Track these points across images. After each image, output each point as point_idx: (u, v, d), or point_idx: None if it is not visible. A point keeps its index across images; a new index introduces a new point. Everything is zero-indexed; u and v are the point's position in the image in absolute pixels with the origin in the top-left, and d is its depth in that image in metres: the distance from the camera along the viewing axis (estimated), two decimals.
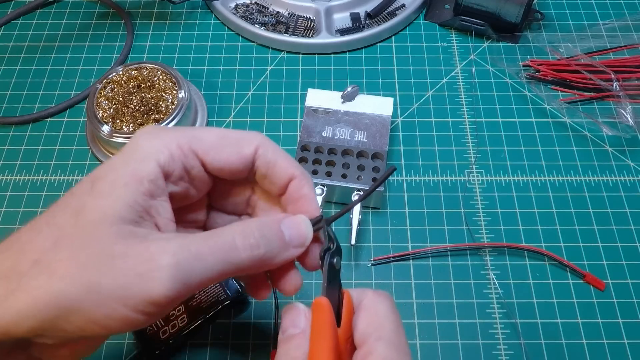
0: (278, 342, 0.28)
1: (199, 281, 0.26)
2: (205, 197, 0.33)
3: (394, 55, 0.60)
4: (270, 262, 0.29)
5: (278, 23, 0.62)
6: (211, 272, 0.26)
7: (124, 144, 0.49)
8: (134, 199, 0.27)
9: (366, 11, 0.62)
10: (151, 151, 0.29)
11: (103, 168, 0.28)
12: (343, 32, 0.61)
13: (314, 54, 0.60)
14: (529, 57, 0.59)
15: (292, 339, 0.28)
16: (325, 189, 0.47)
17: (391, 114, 0.51)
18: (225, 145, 0.30)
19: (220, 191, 0.33)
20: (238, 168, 0.31)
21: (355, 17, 0.62)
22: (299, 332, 0.28)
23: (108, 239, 0.26)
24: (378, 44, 0.61)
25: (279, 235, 0.29)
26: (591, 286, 0.45)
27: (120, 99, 0.51)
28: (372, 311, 0.28)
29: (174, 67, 0.55)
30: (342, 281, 0.29)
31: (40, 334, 0.26)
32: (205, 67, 0.59)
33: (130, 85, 0.52)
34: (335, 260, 0.29)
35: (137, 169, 0.28)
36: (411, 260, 0.47)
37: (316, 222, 0.31)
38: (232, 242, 0.27)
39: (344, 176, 0.48)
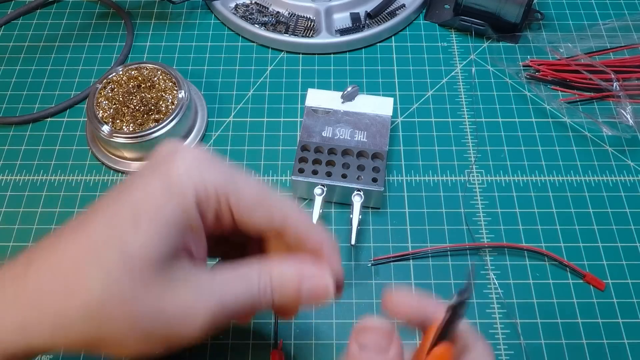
0: (348, 354, 0.27)
1: (225, 324, 0.29)
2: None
3: (394, 55, 0.60)
4: (283, 313, 0.33)
5: (278, 23, 0.62)
6: (233, 315, 0.29)
7: (124, 143, 0.49)
8: (177, 240, 0.28)
9: (366, 11, 0.62)
10: (190, 188, 0.28)
11: (143, 197, 0.28)
12: (343, 32, 0.61)
13: (314, 54, 0.60)
14: (529, 57, 0.59)
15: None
16: (325, 189, 0.47)
17: (391, 114, 0.51)
18: (259, 209, 0.30)
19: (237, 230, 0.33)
20: (263, 232, 0.31)
21: (355, 17, 0.62)
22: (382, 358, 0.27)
23: (156, 286, 0.27)
24: (378, 44, 0.61)
25: (295, 292, 0.30)
26: (591, 286, 0.45)
27: (120, 99, 0.51)
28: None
29: (174, 67, 0.55)
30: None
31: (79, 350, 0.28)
32: (205, 67, 0.59)
33: (130, 85, 0.52)
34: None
35: (179, 206, 0.28)
36: (411, 260, 0.47)
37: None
38: (255, 293, 0.29)
39: (344, 176, 0.48)
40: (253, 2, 0.64)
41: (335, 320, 0.44)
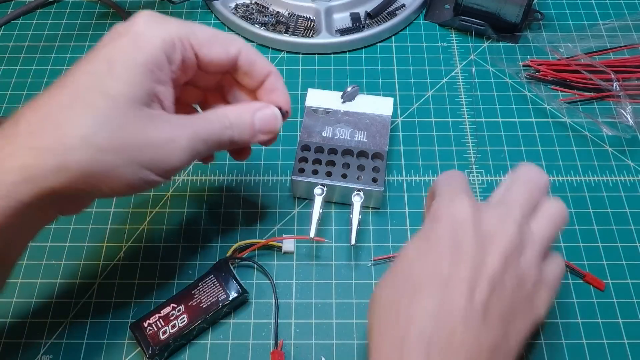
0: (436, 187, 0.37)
1: (197, 156, 0.35)
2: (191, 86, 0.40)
3: (394, 55, 0.60)
4: (242, 144, 0.38)
5: (278, 23, 0.62)
6: (207, 150, 0.36)
7: None
8: (151, 85, 0.32)
9: (366, 11, 0.62)
10: (157, 38, 0.33)
11: (114, 50, 0.32)
12: (343, 32, 0.61)
13: (314, 54, 0.60)
14: (529, 57, 0.59)
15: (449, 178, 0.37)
16: (325, 189, 0.47)
17: (391, 114, 0.51)
18: (216, 44, 0.36)
19: (200, 75, 0.39)
20: (224, 64, 0.37)
21: (355, 17, 0.62)
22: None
23: (139, 121, 0.32)
24: (378, 44, 0.61)
25: (249, 125, 0.37)
26: (591, 286, 0.45)
27: None
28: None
29: None
30: (342, 280, 0.30)
31: (81, 194, 0.33)
32: None
33: None
34: None
35: (150, 55, 0.32)
36: None
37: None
38: (219, 130, 0.36)
39: (344, 176, 0.48)
40: (253, 2, 0.64)
41: (335, 320, 0.44)
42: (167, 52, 0.33)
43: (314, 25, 0.61)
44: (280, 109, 0.39)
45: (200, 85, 0.41)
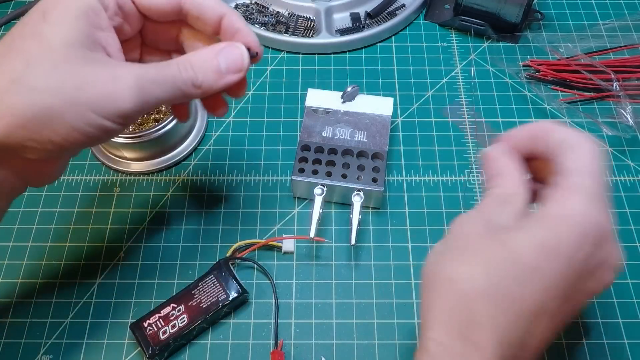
0: (487, 186, 0.34)
1: (155, 101, 0.32)
2: (138, 37, 0.38)
3: (394, 55, 0.60)
4: (211, 88, 0.34)
5: (278, 23, 0.62)
6: (163, 95, 0.32)
7: (124, 143, 0.49)
8: (88, 29, 0.31)
9: (366, 11, 0.62)
10: None
11: (47, 1, 0.32)
12: (343, 32, 0.61)
13: (314, 54, 0.60)
14: (529, 57, 0.59)
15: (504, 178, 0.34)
16: (325, 189, 0.47)
17: (391, 114, 0.51)
18: None
19: (152, 30, 0.37)
20: (165, 9, 0.35)
21: (355, 17, 0.62)
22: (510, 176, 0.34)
23: (77, 61, 0.30)
24: (378, 44, 0.61)
25: (214, 66, 0.34)
26: None
27: None
28: (592, 158, 0.31)
29: None
30: (342, 280, 0.29)
31: (30, 145, 0.30)
32: None
33: None
34: None
35: (83, 1, 0.32)
36: (411, 261, 0.47)
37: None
38: (177, 72, 0.33)
39: (344, 176, 0.48)
40: (253, 2, 0.64)
41: (335, 320, 0.44)
42: None
43: (314, 25, 0.61)
44: (248, 50, 0.35)
45: (160, 46, 0.39)
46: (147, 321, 0.42)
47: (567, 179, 0.30)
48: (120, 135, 0.49)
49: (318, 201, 0.46)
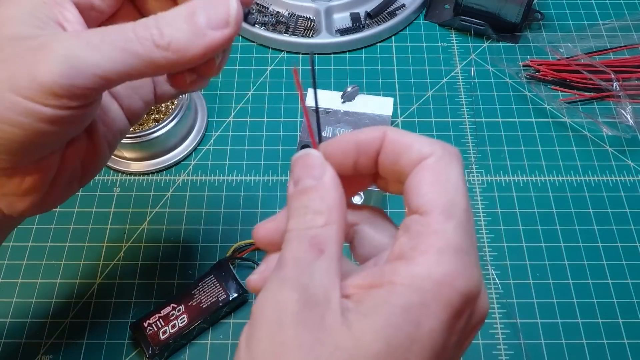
0: (288, 197, 0.24)
1: (96, 71, 0.24)
2: (131, 11, 0.30)
3: (394, 55, 0.60)
4: (185, 52, 0.24)
5: (278, 23, 0.62)
6: (108, 62, 0.24)
7: (124, 143, 0.49)
8: (34, 5, 0.25)
9: (366, 11, 0.62)
10: None
11: None
12: (343, 32, 0.61)
13: (314, 54, 0.60)
14: (529, 57, 0.59)
15: (312, 191, 0.23)
16: None
17: (391, 114, 0.51)
18: None
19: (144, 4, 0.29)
20: None
21: (355, 17, 0.62)
22: (317, 183, 0.23)
23: (7, 40, 0.24)
24: (378, 44, 0.61)
25: (188, 18, 0.24)
26: (591, 286, 0.45)
27: None
28: (443, 177, 0.22)
29: None
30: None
31: None
32: None
33: None
34: None
35: None
36: None
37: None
38: (130, 31, 0.24)
39: None
40: (253, 2, 0.64)
41: None
42: None
43: (314, 25, 0.61)
44: None
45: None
46: (147, 321, 0.42)
47: (418, 224, 0.22)
48: None
49: None
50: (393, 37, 0.61)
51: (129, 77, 0.25)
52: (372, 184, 0.26)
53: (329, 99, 0.52)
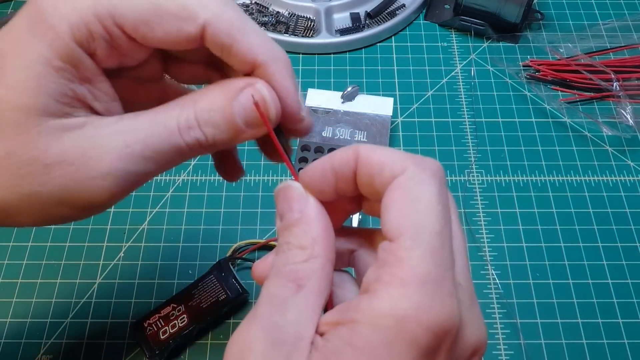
0: (277, 232, 0.24)
1: (144, 178, 0.24)
2: (158, 66, 0.28)
3: (394, 55, 0.60)
4: (225, 145, 0.25)
5: (278, 23, 0.62)
6: (156, 167, 0.24)
7: None
8: (56, 88, 0.23)
9: (366, 11, 0.62)
10: (62, 23, 0.23)
11: (6, 43, 0.23)
12: (343, 32, 0.61)
13: (314, 54, 0.60)
14: (529, 57, 0.59)
15: (294, 225, 0.23)
16: None
17: (391, 114, 0.51)
18: (160, 21, 0.23)
19: (171, 56, 0.28)
20: (182, 46, 0.24)
21: (355, 17, 0.62)
22: (299, 216, 0.23)
23: (38, 141, 0.22)
24: (378, 44, 0.61)
25: (228, 118, 0.24)
26: (591, 286, 0.45)
27: None
28: (413, 197, 0.20)
29: None
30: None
31: None
32: None
33: None
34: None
35: (52, 46, 0.22)
36: None
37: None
38: (174, 130, 0.24)
39: None
40: (253, 2, 0.64)
41: None
42: (80, 40, 0.23)
43: (314, 25, 0.61)
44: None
45: (188, 58, 0.28)
46: (147, 321, 0.42)
47: (385, 252, 0.20)
48: None
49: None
50: (393, 37, 0.61)
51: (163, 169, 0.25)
52: (359, 209, 0.25)
53: (329, 99, 0.52)
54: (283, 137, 0.27)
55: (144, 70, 0.27)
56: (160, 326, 0.41)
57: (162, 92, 0.29)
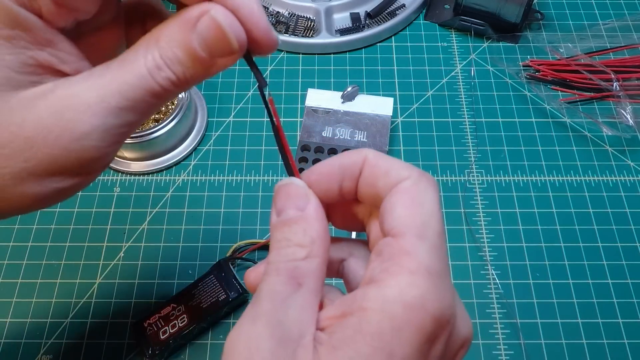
0: (271, 227, 0.23)
1: (129, 127, 0.23)
2: (113, 7, 0.26)
3: (394, 55, 0.60)
4: (202, 78, 0.24)
5: (278, 23, 0.62)
6: (137, 115, 0.23)
7: (125, 143, 0.49)
8: (14, 58, 0.22)
9: (366, 11, 0.62)
10: None
11: None
12: (343, 32, 0.61)
13: (314, 54, 0.60)
14: (529, 57, 0.59)
15: (294, 223, 0.23)
16: None
17: (391, 114, 0.51)
18: None
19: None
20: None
21: (355, 17, 0.62)
22: (301, 214, 0.23)
23: (12, 116, 0.22)
24: (378, 44, 0.61)
25: (191, 53, 0.22)
26: (591, 286, 0.45)
27: None
28: (419, 200, 0.22)
29: None
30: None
31: None
32: None
33: None
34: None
35: None
36: None
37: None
38: (144, 74, 0.22)
39: None
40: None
41: None
42: (22, 0, 0.22)
43: (314, 25, 0.61)
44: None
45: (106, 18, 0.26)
46: (147, 321, 0.42)
47: (390, 247, 0.21)
48: None
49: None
50: (393, 37, 0.61)
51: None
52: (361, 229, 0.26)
53: (329, 99, 0.52)
54: (254, 64, 0.25)
55: (104, 20, 0.26)
56: (160, 326, 0.41)
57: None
